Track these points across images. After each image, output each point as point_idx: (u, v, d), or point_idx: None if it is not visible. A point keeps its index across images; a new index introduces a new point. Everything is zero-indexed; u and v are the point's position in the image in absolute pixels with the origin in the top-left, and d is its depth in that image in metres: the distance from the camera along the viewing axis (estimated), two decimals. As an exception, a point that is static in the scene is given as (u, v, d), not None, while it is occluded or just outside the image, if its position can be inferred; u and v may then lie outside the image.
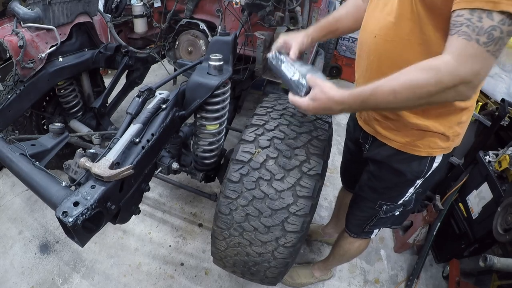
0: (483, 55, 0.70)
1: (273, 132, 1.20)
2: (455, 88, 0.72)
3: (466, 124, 1.05)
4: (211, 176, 1.66)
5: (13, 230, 1.95)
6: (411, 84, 0.76)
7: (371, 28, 0.99)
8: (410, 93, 0.76)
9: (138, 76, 2.40)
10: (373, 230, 1.37)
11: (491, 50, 0.69)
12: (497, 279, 1.71)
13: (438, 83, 0.73)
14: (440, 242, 2.05)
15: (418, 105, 0.81)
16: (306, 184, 1.12)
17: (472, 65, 0.70)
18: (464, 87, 0.72)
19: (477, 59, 0.70)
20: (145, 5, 2.15)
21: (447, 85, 0.72)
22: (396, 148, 1.07)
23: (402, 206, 1.25)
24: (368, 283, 1.89)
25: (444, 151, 1.07)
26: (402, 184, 1.16)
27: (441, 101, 0.77)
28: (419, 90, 0.75)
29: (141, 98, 1.20)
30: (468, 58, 0.70)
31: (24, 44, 1.52)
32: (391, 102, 0.80)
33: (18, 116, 1.72)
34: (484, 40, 0.69)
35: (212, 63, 1.33)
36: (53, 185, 0.99)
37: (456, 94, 0.74)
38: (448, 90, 0.73)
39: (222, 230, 1.22)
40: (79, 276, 1.74)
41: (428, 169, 1.09)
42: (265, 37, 1.75)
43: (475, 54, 0.70)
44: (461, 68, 0.71)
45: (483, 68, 0.71)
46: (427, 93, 0.75)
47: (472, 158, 2.01)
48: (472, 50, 0.70)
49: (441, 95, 0.74)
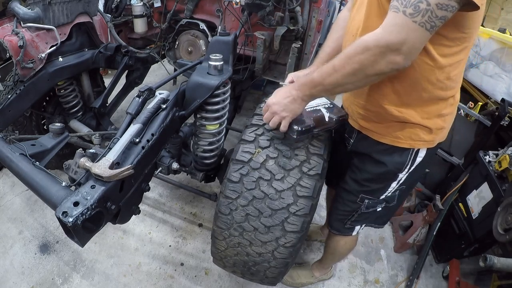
0: (408, 25, 0.75)
1: (273, 132, 1.20)
2: (383, 54, 0.78)
3: (449, 118, 1.06)
4: (211, 176, 1.66)
5: (13, 230, 1.96)
6: (345, 56, 0.85)
7: (351, 29, 1.05)
8: (344, 64, 0.85)
9: (138, 76, 2.40)
10: (355, 226, 1.36)
11: (418, 20, 0.74)
12: (497, 279, 1.71)
13: (365, 50, 0.80)
14: (440, 242, 2.05)
15: (360, 79, 0.86)
16: (306, 184, 1.12)
17: (397, 33, 0.76)
18: (392, 54, 0.78)
19: (402, 28, 0.76)
20: (145, 5, 2.15)
21: (374, 52, 0.79)
22: (377, 140, 1.10)
23: (384, 202, 1.24)
24: (368, 283, 1.89)
25: (428, 145, 1.07)
26: (384, 176, 1.15)
27: (377, 70, 0.82)
28: (350, 60, 0.83)
29: (141, 98, 1.20)
30: (393, 27, 0.77)
31: (24, 44, 1.52)
32: (334, 76, 0.89)
33: (18, 116, 1.72)
34: (410, 11, 0.74)
35: (212, 63, 1.34)
36: (53, 185, 0.99)
37: (387, 61, 0.79)
38: (377, 57, 0.79)
39: (222, 230, 1.22)
40: (79, 276, 1.74)
41: (412, 163, 1.10)
42: (265, 37, 1.75)
43: (400, 24, 0.76)
44: (386, 36, 0.77)
45: (410, 36, 0.76)
46: (359, 62, 0.82)
47: (472, 158, 2.01)
48: (398, 20, 0.76)
49: (373, 63, 0.81)
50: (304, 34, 1.87)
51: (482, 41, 2.20)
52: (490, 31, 2.19)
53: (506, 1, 6.61)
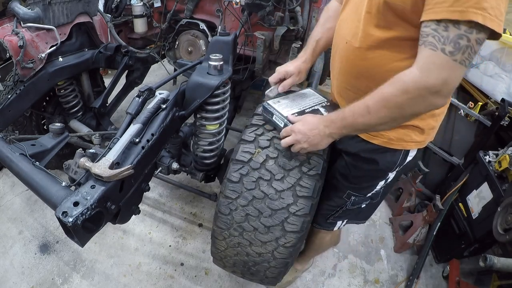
0: (449, 64, 0.70)
1: (273, 132, 1.20)
2: (423, 98, 0.74)
3: (440, 117, 1.04)
4: (211, 176, 1.66)
5: (13, 230, 1.96)
6: (380, 97, 0.80)
7: (344, 32, 1.00)
8: (380, 106, 0.80)
9: (138, 76, 2.40)
10: (336, 222, 1.35)
11: (458, 59, 0.70)
12: (497, 279, 1.71)
13: (404, 93, 0.76)
14: (440, 242, 2.05)
15: (394, 120, 0.83)
16: (306, 184, 1.12)
17: (437, 74, 0.71)
18: (432, 96, 0.74)
19: (443, 69, 0.71)
20: (145, 5, 2.15)
21: (413, 94, 0.74)
22: (368, 140, 1.07)
23: (369, 199, 1.24)
24: (368, 283, 1.89)
25: (419, 145, 1.06)
26: (374, 174, 1.13)
27: (414, 112, 0.80)
28: (387, 103, 0.79)
29: (141, 98, 1.20)
30: (433, 67, 0.72)
31: (24, 44, 1.52)
32: (367, 118, 0.84)
33: (18, 116, 1.72)
34: (450, 49, 0.69)
35: (212, 63, 1.33)
36: (53, 185, 0.99)
37: (427, 104, 0.76)
38: (417, 101, 0.75)
39: (222, 230, 1.22)
40: (79, 276, 1.74)
41: (402, 162, 1.08)
42: (265, 37, 1.75)
43: (440, 64, 0.71)
44: (425, 78, 0.72)
45: (451, 77, 0.72)
46: (395, 104, 0.78)
47: (472, 158, 2.01)
48: (437, 59, 0.71)
49: (412, 106, 0.77)
50: (304, 34, 1.87)
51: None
52: (490, 31, 2.18)
53: (506, 1, 6.59)
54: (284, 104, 1.16)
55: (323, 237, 1.48)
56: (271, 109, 1.13)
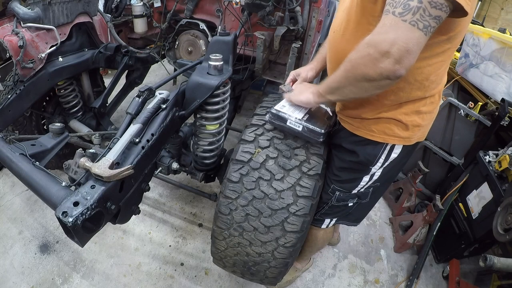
0: (398, 24, 0.71)
1: (273, 132, 1.20)
2: (372, 57, 0.75)
3: (429, 116, 1.04)
4: (211, 176, 1.66)
5: (13, 230, 1.96)
6: (345, 60, 0.84)
7: (333, 25, 1.07)
8: (344, 69, 0.85)
9: (138, 76, 2.40)
10: (324, 219, 1.35)
11: (408, 19, 0.70)
12: (497, 279, 1.71)
13: (356, 52, 0.79)
14: (440, 242, 2.05)
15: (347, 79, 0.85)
16: (306, 184, 1.12)
17: (385, 34, 0.73)
18: (382, 57, 0.73)
19: (391, 28, 0.72)
20: (145, 5, 2.15)
21: (362, 52, 0.77)
22: (352, 132, 1.09)
23: (356, 197, 1.24)
24: (368, 283, 1.89)
25: (404, 142, 1.05)
26: (354, 166, 1.14)
27: (365, 74, 0.79)
28: (346, 63, 0.83)
29: (141, 98, 1.20)
30: (382, 29, 0.74)
31: (24, 44, 1.52)
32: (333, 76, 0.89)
33: (18, 116, 1.72)
34: (400, 10, 0.71)
35: (212, 63, 1.34)
36: (53, 185, 0.99)
37: (377, 66, 0.75)
38: (366, 60, 0.76)
39: (222, 230, 1.22)
40: (79, 276, 1.74)
41: (386, 159, 1.08)
42: (265, 37, 1.75)
43: (389, 24, 0.73)
44: (374, 36, 0.75)
45: (399, 37, 0.71)
46: (349, 62, 0.82)
47: (472, 158, 2.01)
48: (387, 21, 0.73)
49: (361, 65, 0.78)
50: (304, 34, 1.87)
51: (482, 41, 2.20)
52: (490, 31, 2.19)
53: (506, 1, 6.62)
54: (290, 108, 1.14)
55: (315, 233, 1.48)
56: (283, 114, 1.12)
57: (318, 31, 1.88)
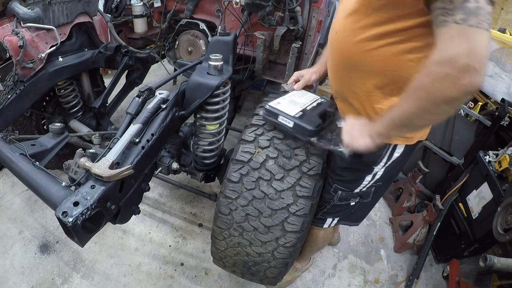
0: (466, 32, 0.65)
1: (273, 132, 1.20)
2: (450, 76, 0.67)
3: None
4: (211, 176, 1.66)
5: (13, 230, 1.95)
6: (410, 87, 0.76)
7: (334, 25, 1.05)
8: (410, 96, 0.77)
9: (138, 76, 2.40)
10: (326, 218, 1.35)
11: (474, 23, 0.65)
12: (497, 279, 1.71)
13: (428, 76, 0.71)
14: (440, 242, 2.05)
15: (424, 109, 0.76)
16: (306, 184, 1.12)
17: (458, 46, 0.66)
18: (462, 73, 0.66)
19: (461, 38, 0.65)
20: (145, 5, 2.15)
21: (438, 75, 0.69)
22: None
23: (358, 197, 1.23)
24: (368, 283, 1.89)
25: (406, 141, 1.05)
26: (358, 166, 1.13)
27: (445, 97, 0.71)
28: (415, 91, 0.75)
29: (141, 98, 1.20)
30: (450, 42, 0.67)
31: (24, 44, 1.52)
32: (401, 109, 0.80)
33: (18, 116, 1.72)
34: (461, 16, 0.65)
35: (212, 63, 1.34)
36: (53, 185, 0.99)
37: (459, 84, 0.67)
38: (443, 81, 0.68)
39: (222, 230, 1.22)
40: (79, 276, 1.74)
41: (388, 158, 1.08)
42: (265, 37, 1.75)
43: (457, 35, 0.66)
44: (448, 54, 0.67)
45: (474, 45, 0.65)
46: (424, 90, 0.73)
47: (472, 158, 2.02)
48: (452, 32, 0.67)
49: (439, 89, 0.70)
50: (304, 34, 1.87)
51: (482, 41, 2.20)
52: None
53: (506, 1, 6.61)
54: (284, 105, 1.16)
55: (315, 233, 1.48)
56: (275, 110, 1.13)
57: (318, 31, 1.88)
